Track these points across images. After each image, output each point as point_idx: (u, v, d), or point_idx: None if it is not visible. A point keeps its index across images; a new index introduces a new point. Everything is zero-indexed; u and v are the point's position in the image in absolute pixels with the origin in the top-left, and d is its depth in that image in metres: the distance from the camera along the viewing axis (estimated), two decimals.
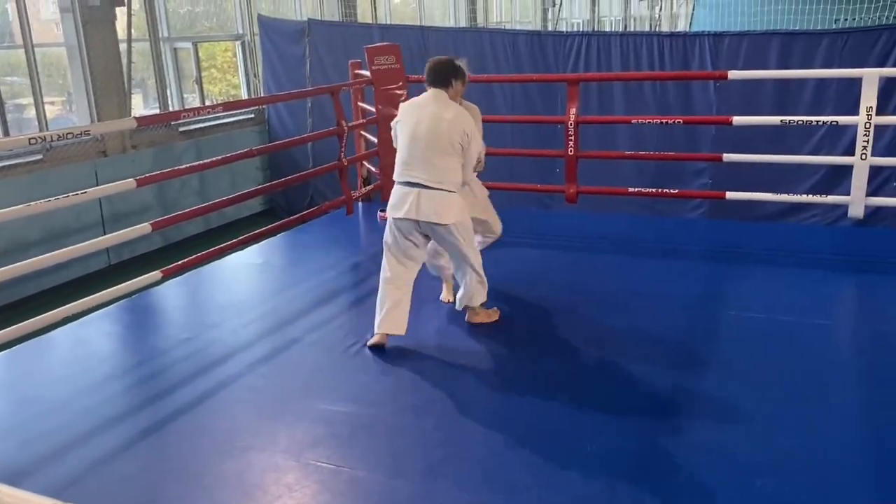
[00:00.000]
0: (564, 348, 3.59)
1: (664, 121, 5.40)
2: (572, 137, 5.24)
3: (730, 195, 5.03)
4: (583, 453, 2.73)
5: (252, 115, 9.15)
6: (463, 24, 13.03)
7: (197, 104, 8.51)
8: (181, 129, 8.25)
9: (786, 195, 5.04)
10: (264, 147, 5.15)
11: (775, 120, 4.94)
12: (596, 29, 16.88)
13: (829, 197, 5.19)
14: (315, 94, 7.83)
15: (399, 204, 3.55)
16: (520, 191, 6.83)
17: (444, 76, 3.57)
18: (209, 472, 2.73)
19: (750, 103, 6.71)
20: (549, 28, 14.43)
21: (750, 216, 6.80)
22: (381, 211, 6.02)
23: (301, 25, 8.86)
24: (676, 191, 5.76)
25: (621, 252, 4.97)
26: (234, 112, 8.80)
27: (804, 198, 5.10)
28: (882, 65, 6.17)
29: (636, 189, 5.49)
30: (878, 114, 4.55)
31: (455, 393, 3.21)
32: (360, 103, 6.12)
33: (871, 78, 4.40)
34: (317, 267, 4.92)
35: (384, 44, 5.72)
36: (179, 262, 4.34)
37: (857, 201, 4.65)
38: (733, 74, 4.88)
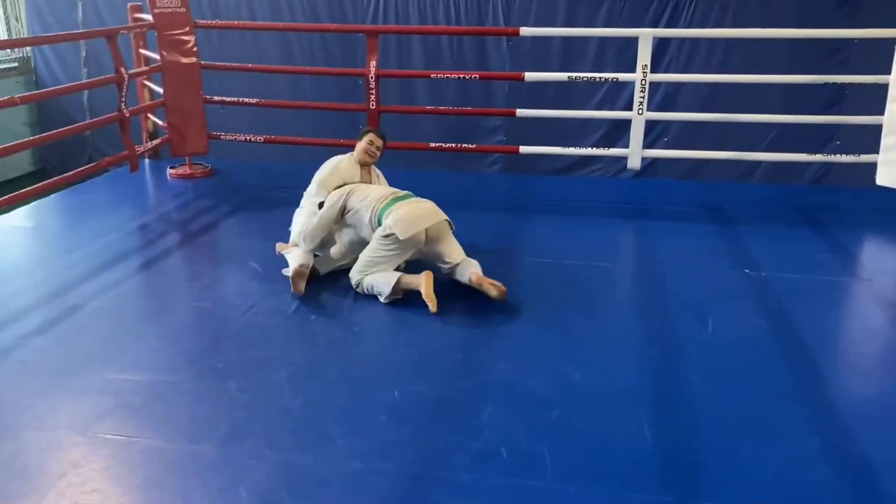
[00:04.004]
0: (371, 304, 3.57)
1: (462, 76, 5.48)
2: (373, 91, 5.17)
3: (523, 149, 5.26)
4: (390, 400, 2.74)
5: (16, 65, 8.10)
6: None
7: None
8: None
9: (573, 148, 5.35)
10: (30, 95, 4.51)
11: (563, 76, 5.20)
12: None
13: (610, 150, 5.58)
14: (89, 38, 7.07)
15: None
16: (325, 146, 6.67)
17: None
18: None
19: (539, 62, 7.00)
20: None
21: (541, 170, 7.16)
22: (171, 168, 5.63)
23: None
24: (474, 146, 5.92)
25: None
26: None
27: (589, 151, 5.44)
28: (655, 26, 6.68)
29: (437, 144, 5.56)
30: (651, 72, 4.93)
31: (261, 352, 3.09)
32: (141, 50, 5.62)
33: (646, 37, 4.74)
34: (98, 229, 4.51)
35: None
36: None
37: (634, 153, 5.03)
38: (524, 31, 5.05)
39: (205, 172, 5.54)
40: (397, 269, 3.63)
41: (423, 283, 3.45)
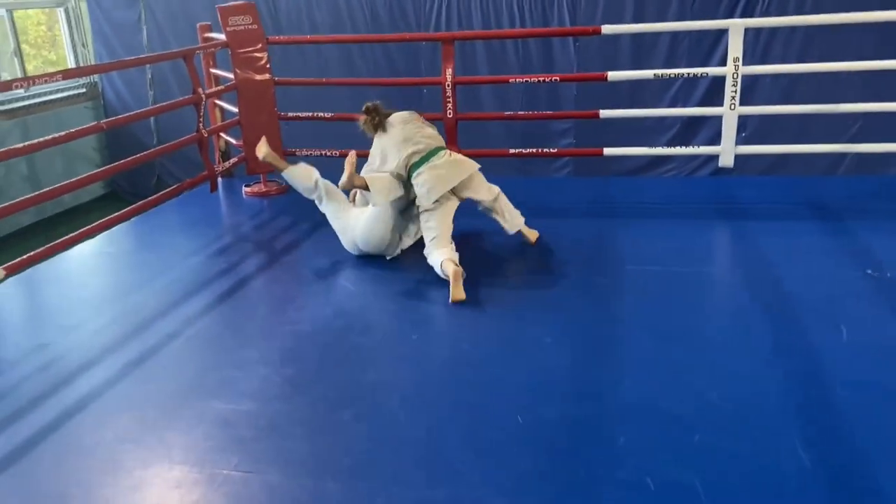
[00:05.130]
0: (474, 320, 3.42)
1: (540, 79, 5.24)
2: (450, 99, 5.04)
3: (607, 151, 5.04)
4: (515, 425, 2.58)
5: (84, 90, 8.21)
6: None
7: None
8: (3, 107, 7.25)
9: (660, 148, 5.12)
10: (114, 120, 4.44)
11: (648, 73, 4.97)
12: None
13: (701, 147, 5.33)
14: (165, 59, 7.06)
15: None
16: None
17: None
18: (97, 497, 2.33)
19: (608, 61, 6.80)
20: None
21: (612, 172, 6.95)
22: (247, 186, 5.57)
23: None
24: (556, 150, 5.75)
25: None
26: (63, 86, 7.86)
27: (679, 150, 5.16)
28: (730, 17, 6.41)
29: (517, 150, 5.37)
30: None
31: (369, 377, 2.96)
32: (212, 69, 5.59)
33: (737, 28, 4.51)
34: (181, 252, 4.45)
35: (238, 2, 5.21)
36: (24, 258, 3.72)
37: (727, 151, 4.80)
38: (606, 29, 4.85)
39: (280, 189, 5.47)
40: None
41: (451, 279, 3.58)
